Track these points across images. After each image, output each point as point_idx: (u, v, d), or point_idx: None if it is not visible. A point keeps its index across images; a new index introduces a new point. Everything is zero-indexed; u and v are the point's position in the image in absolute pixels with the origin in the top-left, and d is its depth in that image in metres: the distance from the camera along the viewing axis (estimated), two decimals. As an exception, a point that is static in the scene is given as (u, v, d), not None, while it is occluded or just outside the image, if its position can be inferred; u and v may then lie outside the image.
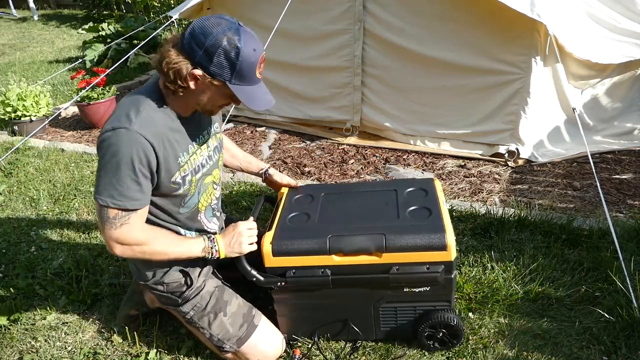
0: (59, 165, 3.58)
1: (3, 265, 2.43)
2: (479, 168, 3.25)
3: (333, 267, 1.60)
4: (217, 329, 1.67)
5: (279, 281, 1.63)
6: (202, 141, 1.62)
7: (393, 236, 1.57)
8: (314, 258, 1.60)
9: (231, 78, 1.37)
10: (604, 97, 3.39)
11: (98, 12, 9.45)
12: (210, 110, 1.52)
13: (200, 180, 1.63)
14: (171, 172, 1.49)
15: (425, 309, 1.69)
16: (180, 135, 1.52)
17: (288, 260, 1.61)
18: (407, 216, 1.67)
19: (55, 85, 5.62)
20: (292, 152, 3.67)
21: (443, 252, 1.55)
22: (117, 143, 1.37)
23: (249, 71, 1.38)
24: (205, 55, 1.33)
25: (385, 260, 1.58)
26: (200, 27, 1.34)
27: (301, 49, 3.70)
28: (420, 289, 1.64)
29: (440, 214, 1.65)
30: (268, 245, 1.61)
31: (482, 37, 3.05)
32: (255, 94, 1.43)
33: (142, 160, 1.40)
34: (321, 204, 1.80)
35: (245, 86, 1.40)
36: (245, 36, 1.35)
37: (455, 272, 1.62)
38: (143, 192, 1.45)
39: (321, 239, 1.60)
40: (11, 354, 1.89)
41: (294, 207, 1.81)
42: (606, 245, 2.23)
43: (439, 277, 1.58)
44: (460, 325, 1.68)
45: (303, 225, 1.70)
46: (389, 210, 1.72)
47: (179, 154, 1.51)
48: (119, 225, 1.44)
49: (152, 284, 1.70)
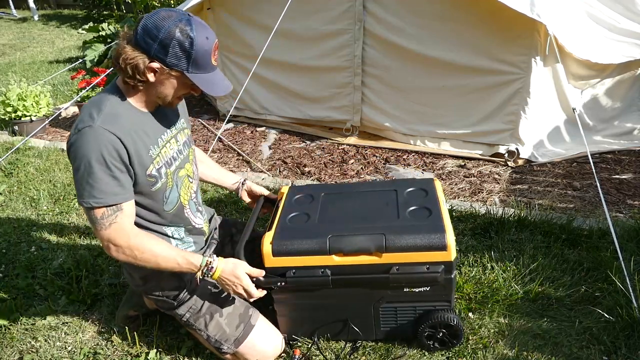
0: (59, 165, 3.58)
1: (3, 265, 2.43)
2: (479, 168, 3.25)
3: (333, 267, 1.60)
4: (213, 330, 1.67)
5: (279, 281, 1.63)
6: (170, 135, 1.63)
7: (393, 236, 1.57)
8: (314, 258, 1.60)
9: (188, 67, 1.40)
10: (604, 97, 3.39)
11: (98, 12, 9.45)
12: (170, 102, 1.52)
13: (175, 173, 1.64)
14: (145, 165, 1.50)
15: (425, 309, 1.69)
16: (147, 128, 1.52)
17: (288, 260, 1.61)
18: (407, 216, 1.67)
19: (56, 86, 5.62)
20: (292, 152, 3.67)
21: (443, 252, 1.55)
22: (84, 143, 1.38)
23: (205, 59, 1.41)
24: (161, 47, 1.36)
25: (385, 260, 1.58)
26: (152, 22, 1.37)
27: (301, 49, 3.70)
28: (420, 289, 1.64)
29: (440, 214, 1.65)
30: (268, 245, 1.61)
31: (482, 37, 3.05)
32: (213, 81, 1.46)
33: (113, 154, 1.40)
34: (321, 204, 1.80)
35: (202, 74, 1.44)
36: (197, 26, 1.38)
37: (455, 272, 1.62)
38: (122, 186, 1.45)
39: (321, 239, 1.59)
40: (11, 354, 1.89)
41: (294, 207, 1.81)
42: (606, 245, 2.23)
43: (439, 277, 1.58)
44: (460, 325, 1.68)
45: (303, 225, 1.70)
46: (389, 210, 1.72)
47: (150, 147, 1.52)
48: (108, 225, 1.44)
49: (145, 289, 1.70)
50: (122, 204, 1.46)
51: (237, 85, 4.16)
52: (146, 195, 1.55)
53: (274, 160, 3.58)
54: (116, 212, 1.45)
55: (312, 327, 1.79)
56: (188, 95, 1.53)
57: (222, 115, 4.38)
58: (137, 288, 1.71)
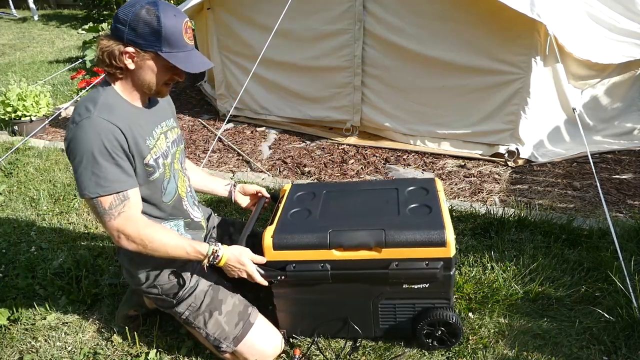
0: (59, 165, 3.58)
1: (3, 265, 2.43)
2: (479, 168, 3.25)
3: (333, 261, 1.61)
4: (212, 328, 1.67)
5: (279, 275, 1.64)
6: (162, 130, 1.65)
7: (393, 232, 1.58)
8: (314, 252, 1.61)
9: (161, 46, 1.41)
10: (604, 97, 3.39)
11: (98, 12, 9.44)
12: (158, 90, 1.52)
13: (171, 165, 1.66)
14: (143, 154, 1.51)
15: (424, 306, 1.69)
16: (140, 121, 1.54)
17: (288, 254, 1.62)
18: (407, 213, 1.68)
19: (56, 85, 5.62)
20: (292, 152, 3.67)
21: (442, 249, 1.56)
22: (84, 135, 1.39)
23: (175, 37, 1.42)
24: (131, 30, 1.39)
25: (385, 256, 1.58)
26: (121, 10, 1.41)
27: (301, 49, 3.70)
28: (419, 286, 1.64)
29: (440, 212, 1.65)
30: (269, 239, 1.62)
31: (482, 37, 3.05)
32: (189, 58, 1.46)
33: (113, 142, 1.41)
34: (322, 201, 1.82)
35: (177, 52, 1.44)
36: (162, 5, 1.41)
37: (454, 269, 1.62)
38: (127, 173, 1.46)
39: (321, 234, 1.61)
40: (11, 354, 1.89)
41: (295, 203, 1.82)
42: (606, 245, 2.23)
43: (438, 274, 1.58)
44: (459, 324, 1.68)
45: (304, 220, 1.71)
46: (390, 207, 1.73)
47: (146, 137, 1.54)
48: (117, 214, 1.44)
49: (145, 288, 1.70)
50: (129, 191, 1.46)
51: (237, 86, 4.16)
52: (145, 186, 1.56)
53: (274, 160, 3.58)
54: (124, 202, 1.45)
55: (312, 323, 1.79)
56: (173, 81, 1.52)
57: (222, 115, 4.38)
58: (137, 287, 1.71)
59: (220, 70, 4.28)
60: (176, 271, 1.68)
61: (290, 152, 3.68)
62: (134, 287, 1.73)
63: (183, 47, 1.45)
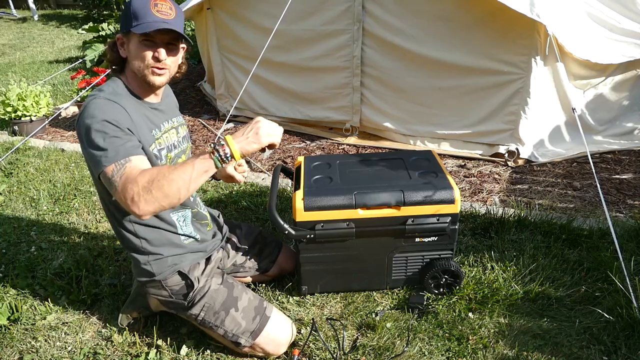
0: (59, 165, 3.58)
1: (3, 265, 2.43)
2: (479, 168, 3.25)
3: (357, 220, 1.83)
4: (230, 325, 1.70)
5: (309, 234, 1.82)
6: (171, 125, 1.70)
7: (410, 192, 1.82)
8: (341, 212, 1.81)
9: (132, 24, 1.45)
10: (604, 97, 3.39)
11: (98, 12, 9.44)
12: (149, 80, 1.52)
13: (176, 159, 1.68)
14: (148, 142, 1.54)
15: (431, 257, 1.96)
16: (148, 114, 1.59)
17: (318, 214, 1.81)
18: (418, 177, 1.93)
19: (56, 85, 5.62)
20: (292, 152, 3.67)
21: (451, 205, 1.83)
22: (95, 110, 1.42)
23: (141, 10, 1.44)
24: (120, 22, 1.51)
25: (403, 213, 1.83)
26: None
27: (300, 50, 3.70)
28: (429, 239, 1.91)
29: (445, 175, 1.92)
30: (300, 202, 1.81)
31: (482, 38, 3.05)
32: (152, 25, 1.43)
33: (121, 120, 1.44)
34: (339, 170, 2.02)
35: (142, 23, 1.44)
36: None
37: (458, 223, 1.89)
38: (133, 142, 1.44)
39: (348, 195, 1.82)
40: (11, 354, 1.89)
41: (314, 171, 2.01)
42: (606, 245, 2.23)
43: (447, 228, 1.85)
44: (460, 270, 1.96)
45: (328, 185, 1.90)
46: (401, 173, 1.98)
47: (152, 128, 1.58)
48: (119, 179, 1.35)
49: (155, 291, 1.72)
50: (131, 157, 1.39)
51: (237, 86, 4.16)
52: None
53: (273, 160, 3.58)
54: (125, 164, 1.37)
55: (332, 279, 1.99)
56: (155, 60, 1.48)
57: (222, 115, 4.38)
58: (147, 283, 1.71)
59: (220, 70, 4.28)
60: (182, 272, 1.71)
61: (290, 152, 3.68)
62: (144, 285, 1.73)
63: (150, 17, 1.44)
